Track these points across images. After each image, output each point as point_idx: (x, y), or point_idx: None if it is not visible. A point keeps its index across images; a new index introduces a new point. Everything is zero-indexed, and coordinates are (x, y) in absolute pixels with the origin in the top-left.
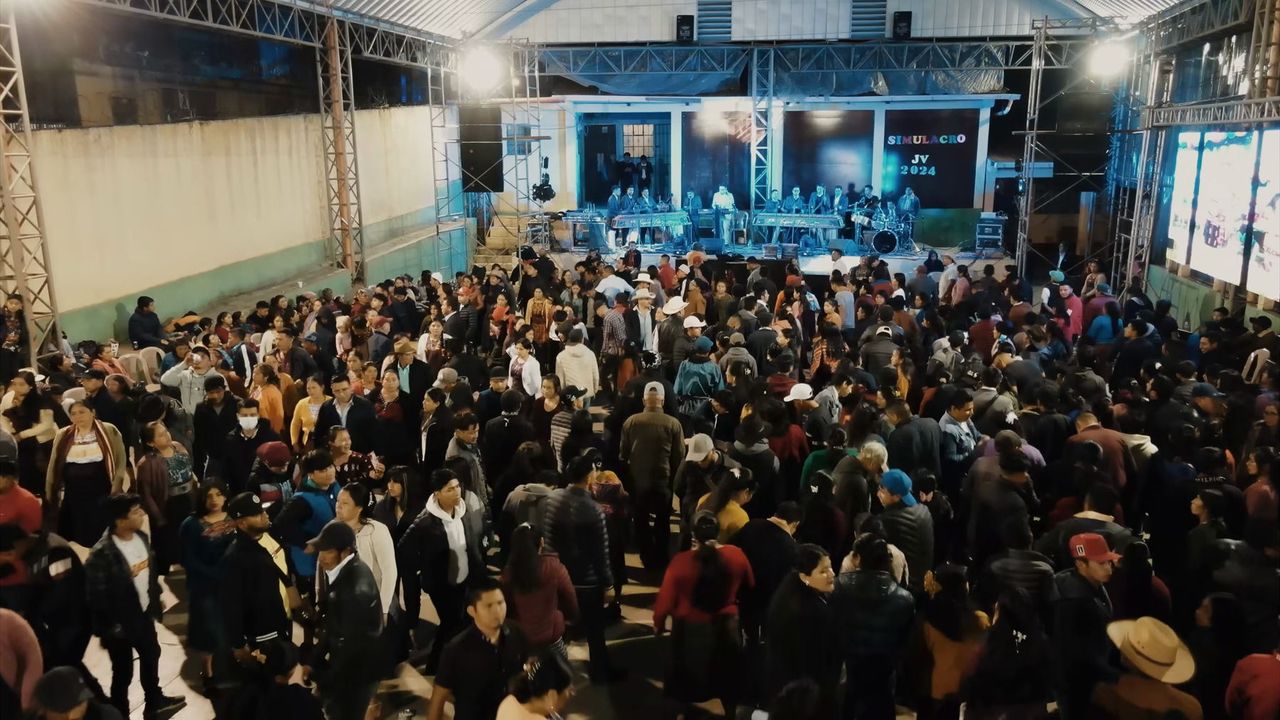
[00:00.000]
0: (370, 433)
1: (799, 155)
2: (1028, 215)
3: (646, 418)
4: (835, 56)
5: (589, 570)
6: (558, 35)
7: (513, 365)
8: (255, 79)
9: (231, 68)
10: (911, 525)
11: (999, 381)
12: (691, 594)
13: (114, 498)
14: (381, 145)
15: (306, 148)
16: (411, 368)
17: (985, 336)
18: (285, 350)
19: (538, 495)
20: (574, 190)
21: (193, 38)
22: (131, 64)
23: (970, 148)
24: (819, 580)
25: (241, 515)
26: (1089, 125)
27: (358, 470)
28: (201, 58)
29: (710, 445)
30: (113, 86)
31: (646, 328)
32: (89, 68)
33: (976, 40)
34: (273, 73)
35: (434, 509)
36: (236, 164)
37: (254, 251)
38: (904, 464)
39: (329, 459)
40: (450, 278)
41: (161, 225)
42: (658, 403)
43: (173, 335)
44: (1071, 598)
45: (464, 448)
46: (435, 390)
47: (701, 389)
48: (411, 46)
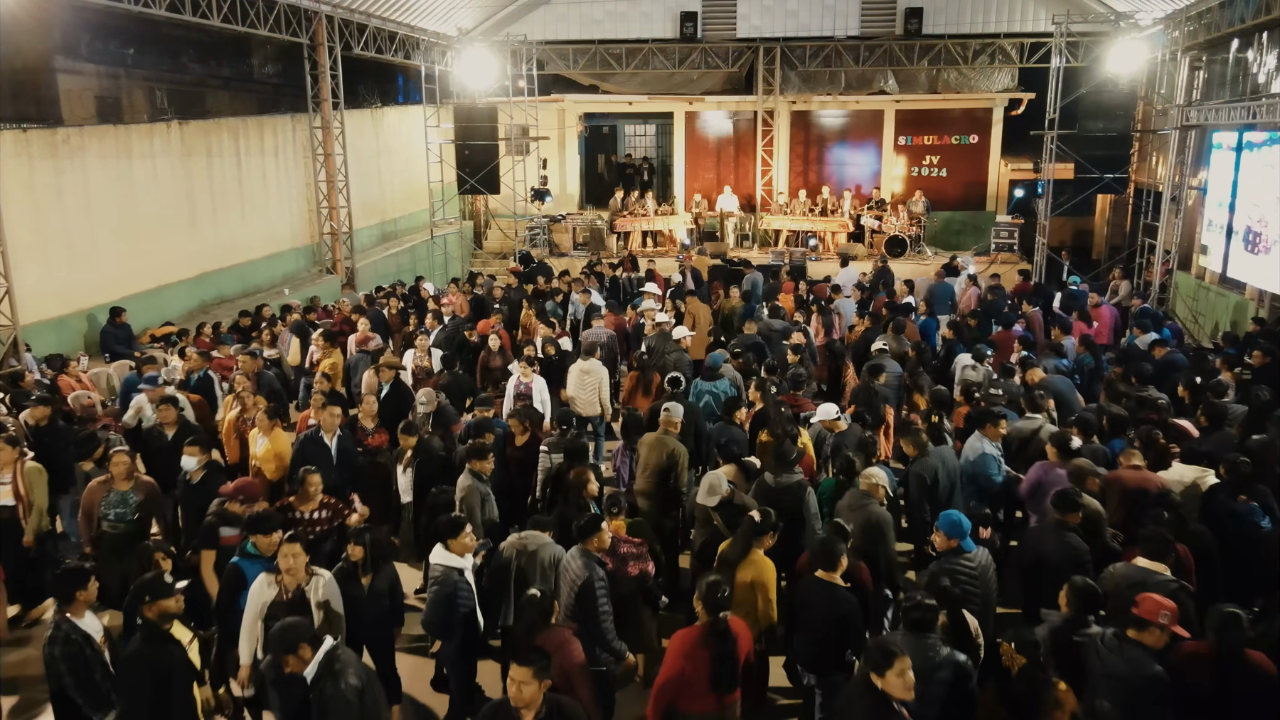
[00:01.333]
0: (355, 469)
1: (806, 156)
2: (1047, 219)
3: (655, 439)
4: (844, 54)
5: (594, 649)
6: (557, 32)
7: (516, 386)
8: (239, 76)
9: (214, 65)
10: (973, 574)
11: (1037, 405)
12: (697, 679)
13: (70, 567)
14: (374, 146)
15: (294, 148)
16: (391, 385)
17: (1006, 347)
18: (248, 371)
19: (536, 545)
20: (574, 192)
21: (173, 33)
22: (106, 61)
23: (983, 148)
24: (895, 686)
25: (150, 599)
26: (1111, 125)
27: (331, 518)
28: (182, 54)
29: (725, 485)
30: (85, 84)
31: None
32: (59, 65)
33: (990, 37)
34: (258, 70)
35: (450, 559)
36: (219, 165)
37: (238, 257)
38: (931, 503)
39: (275, 521)
40: (446, 283)
41: (137, 230)
42: (673, 425)
43: (148, 347)
44: (1130, 674)
45: (480, 479)
46: (408, 424)
47: (716, 409)
48: (405, 44)
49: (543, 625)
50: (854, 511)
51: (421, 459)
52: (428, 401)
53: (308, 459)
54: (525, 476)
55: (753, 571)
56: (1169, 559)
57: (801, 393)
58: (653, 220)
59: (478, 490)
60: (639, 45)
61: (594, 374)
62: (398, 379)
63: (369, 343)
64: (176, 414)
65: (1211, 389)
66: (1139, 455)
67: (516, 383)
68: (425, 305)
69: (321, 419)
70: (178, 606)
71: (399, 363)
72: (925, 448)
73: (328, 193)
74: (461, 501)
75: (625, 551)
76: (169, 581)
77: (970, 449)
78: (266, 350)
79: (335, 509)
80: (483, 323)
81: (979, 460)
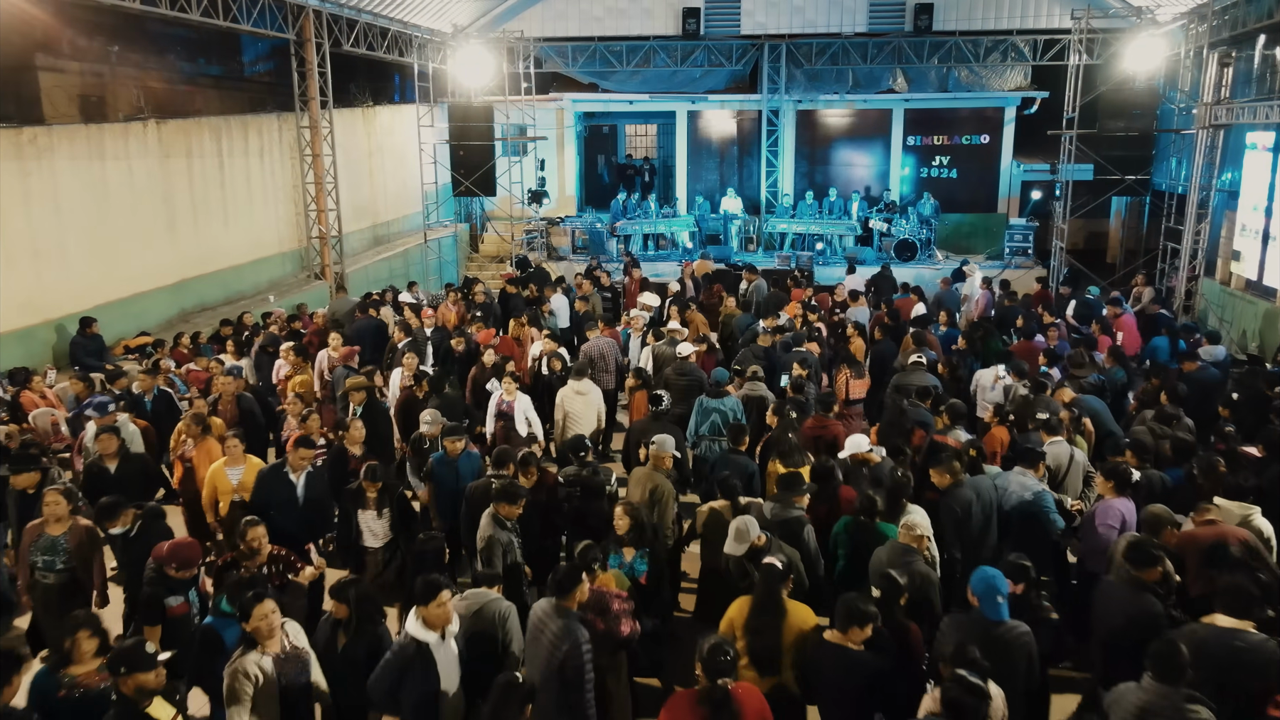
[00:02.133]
0: (324, 513)
1: (812, 157)
2: (1065, 222)
3: (643, 474)
4: (851, 51)
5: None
6: (555, 29)
7: (497, 404)
8: (223, 74)
9: (196, 61)
10: (1004, 645)
11: (1068, 426)
12: None
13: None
14: (365, 146)
15: (280, 149)
16: (364, 410)
17: (1028, 361)
18: (229, 394)
19: (479, 604)
20: (573, 194)
21: (150, 28)
22: (77, 56)
23: (994, 149)
24: None
25: (126, 671)
26: (1133, 124)
27: (282, 571)
28: (161, 51)
29: (756, 530)
30: (57, 82)
31: (634, 353)
32: (26, 60)
33: (1003, 34)
34: (242, 67)
35: (417, 629)
36: (200, 167)
37: (220, 263)
38: (963, 542)
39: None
40: (441, 289)
41: (111, 235)
42: (662, 460)
43: (122, 358)
44: None
45: (502, 526)
46: (371, 467)
47: (721, 429)
48: (398, 40)
49: (517, 716)
50: (893, 568)
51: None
52: (433, 422)
53: (268, 499)
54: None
55: (796, 623)
56: (1257, 615)
57: (831, 414)
58: (654, 223)
59: (499, 539)
60: (640, 42)
61: (590, 395)
62: (371, 399)
63: (351, 357)
64: (118, 444)
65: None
66: (1215, 510)
67: (498, 401)
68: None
69: (290, 458)
70: (158, 682)
71: (366, 382)
72: (959, 475)
73: (316, 195)
74: (481, 552)
75: (618, 609)
76: (150, 651)
77: (1019, 485)
78: (231, 360)
79: (287, 562)
80: (483, 333)
81: (1037, 500)
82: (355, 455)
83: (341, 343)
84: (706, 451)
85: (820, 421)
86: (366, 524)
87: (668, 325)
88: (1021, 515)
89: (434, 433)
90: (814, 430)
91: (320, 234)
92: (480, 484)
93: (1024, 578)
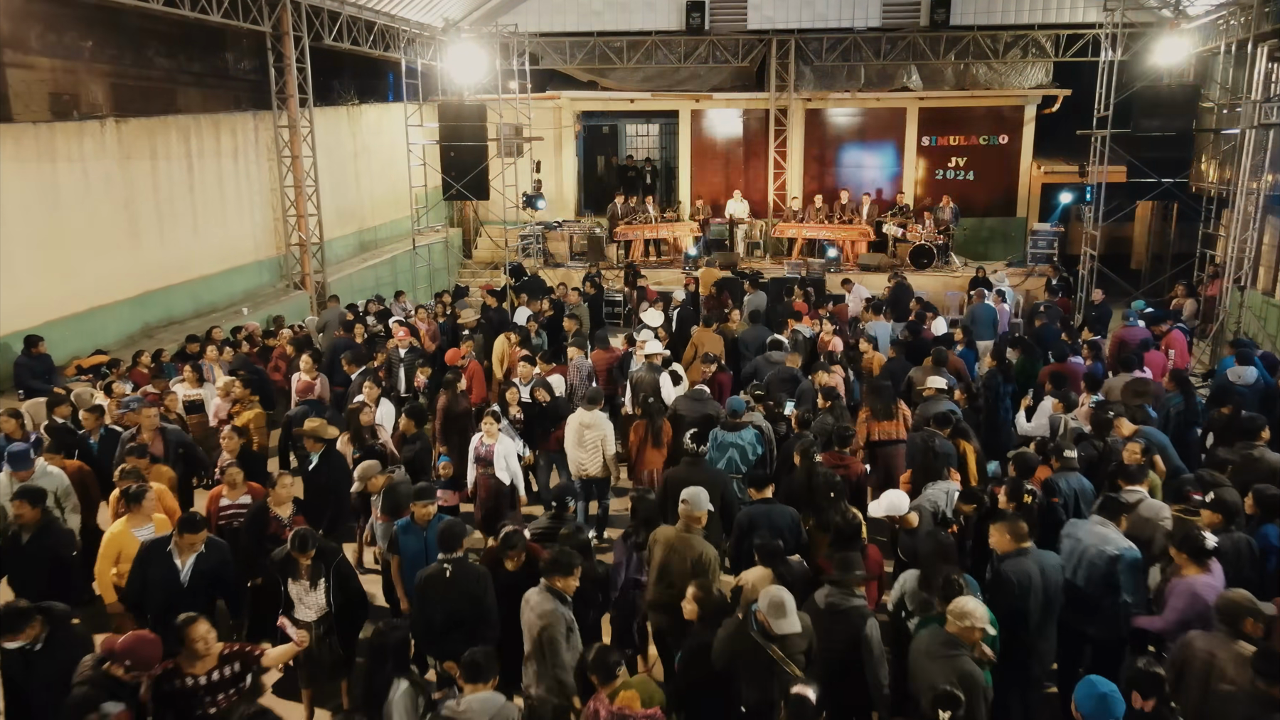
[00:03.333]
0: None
1: (821, 158)
2: (1098, 227)
3: (674, 537)
4: (864, 47)
5: None
6: (552, 23)
7: (475, 448)
8: (192, 69)
9: (161, 55)
10: None
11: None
12: None
13: None
14: (350, 147)
15: (257, 150)
16: (321, 456)
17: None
18: (147, 428)
19: (480, 709)
20: (571, 197)
21: (109, 18)
22: (22, 48)
23: (1013, 149)
24: None
25: None
26: (1170, 123)
27: (240, 673)
28: (122, 43)
29: (798, 623)
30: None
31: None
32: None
33: (1024, 29)
34: (214, 62)
35: None
36: (166, 169)
37: (189, 273)
38: (1016, 624)
39: None
40: (431, 299)
41: (63, 245)
42: (696, 520)
43: (74, 379)
44: None
45: (563, 601)
46: (301, 534)
47: (738, 466)
48: (385, 35)
49: None
50: (933, 662)
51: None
52: (363, 476)
53: (145, 583)
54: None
55: None
56: None
57: (849, 451)
58: (656, 228)
59: (563, 617)
60: (641, 38)
61: (597, 428)
62: (330, 449)
63: (313, 389)
64: (36, 514)
65: None
66: None
67: (477, 445)
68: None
69: (175, 539)
70: None
71: (325, 429)
72: (1025, 541)
73: (295, 199)
74: (543, 632)
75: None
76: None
77: (1097, 538)
78: (188, 390)
79: (246, 659)
80: (451, 352)
81: (1118, 562)
82: (278, 517)
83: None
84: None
85: (839, 458)
86: (298, 596)
87: (642, 342)
88: (1093, 578)
89: (374, 487)
90: (830, 467)
91: (300, 241)
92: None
93: (1156, 691)
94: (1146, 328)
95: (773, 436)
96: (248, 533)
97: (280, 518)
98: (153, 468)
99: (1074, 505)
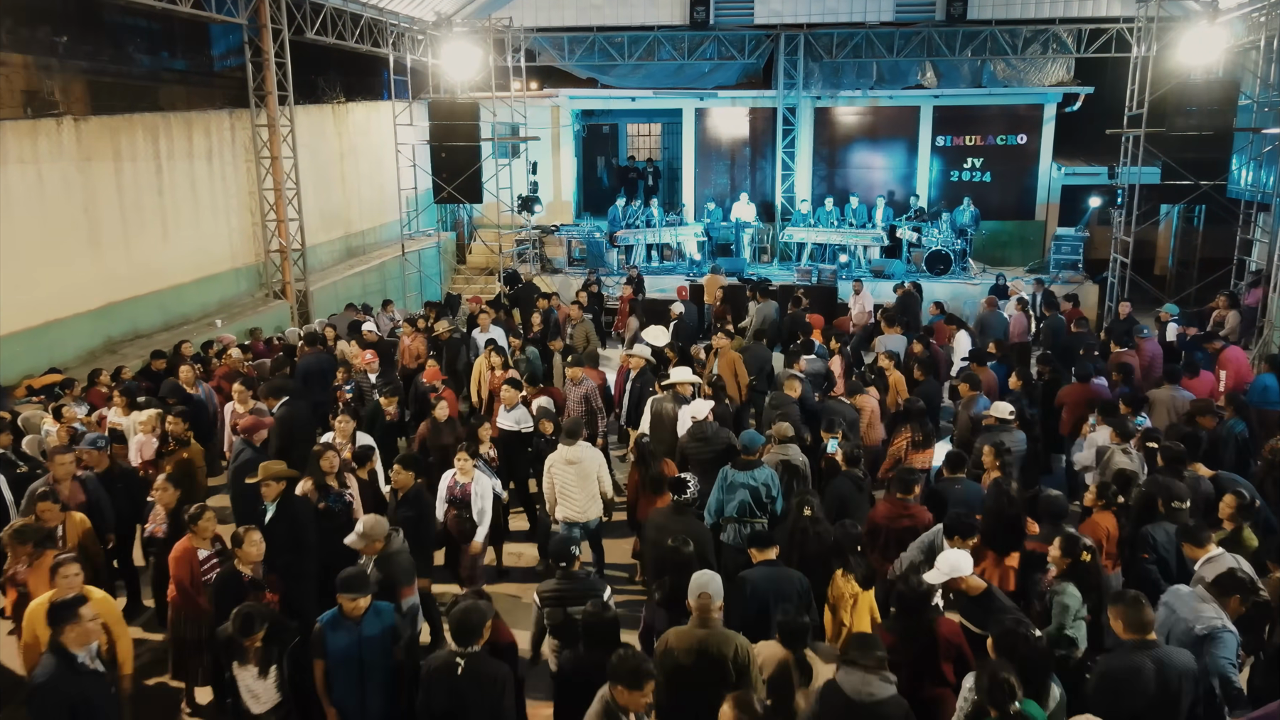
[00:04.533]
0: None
1: (831, 159)
2: (1130, 233)
3: (694, 637)
4: (876, 43)
5: None
6: (550, 18)
7: (449, 489)
8: (162, 64)
9: (127, 50)
10: None
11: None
12: None
13: None
14: (336, 147)
15: (233, 150)
16: (278, 506)
17: (1081, 410)
18: (62, 477)
19: None
20: (569, 200)
21: (69, 9)
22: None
23: (1032, 149)
24: None
25: None
26: (1208, 122)
27: None
28: (84, 36)
29: None
30: None
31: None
32: None
33: (1044, 23)
34: (187, 56)
35: None
36: (132, 171)
37: (157, 282)
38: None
39: None
40: (422, 307)
41: (15, 253)
42: (713, 613)
43: (23, 401)
44: None
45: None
46: (245, 614)
47: (752, 509)
48: (372, 29)
49: None
50: None
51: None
52: (369, 535)
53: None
54: None
55: None
56: None
57: (914, 497)
58: (659, 232)
59: None
60: (643, 33)
61: (586, 463)
62: (287, 495)
63: (257, 430)
64: None
65: None
66: None
67: (450, 484)
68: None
69: (66, 635)
70: None
71: (284, 470)
72: (1149, 631)
73: (275, 202)
74: None
75: None
76: None
77: (1190, 613)
78: (116, 416)
79: None
80: (430, 369)
81: (1212, 644)
82: (248, 578)
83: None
84: (734, 538)
85: (901, 507)
86: (245, 684)
87: (670, 371)
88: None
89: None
90: (890, 517)
91: (280, 247)
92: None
93: None
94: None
95: (809, 473)
96: (218, 595)
97: (244, 576)
98: (67, 516)
99: (1174, 563)
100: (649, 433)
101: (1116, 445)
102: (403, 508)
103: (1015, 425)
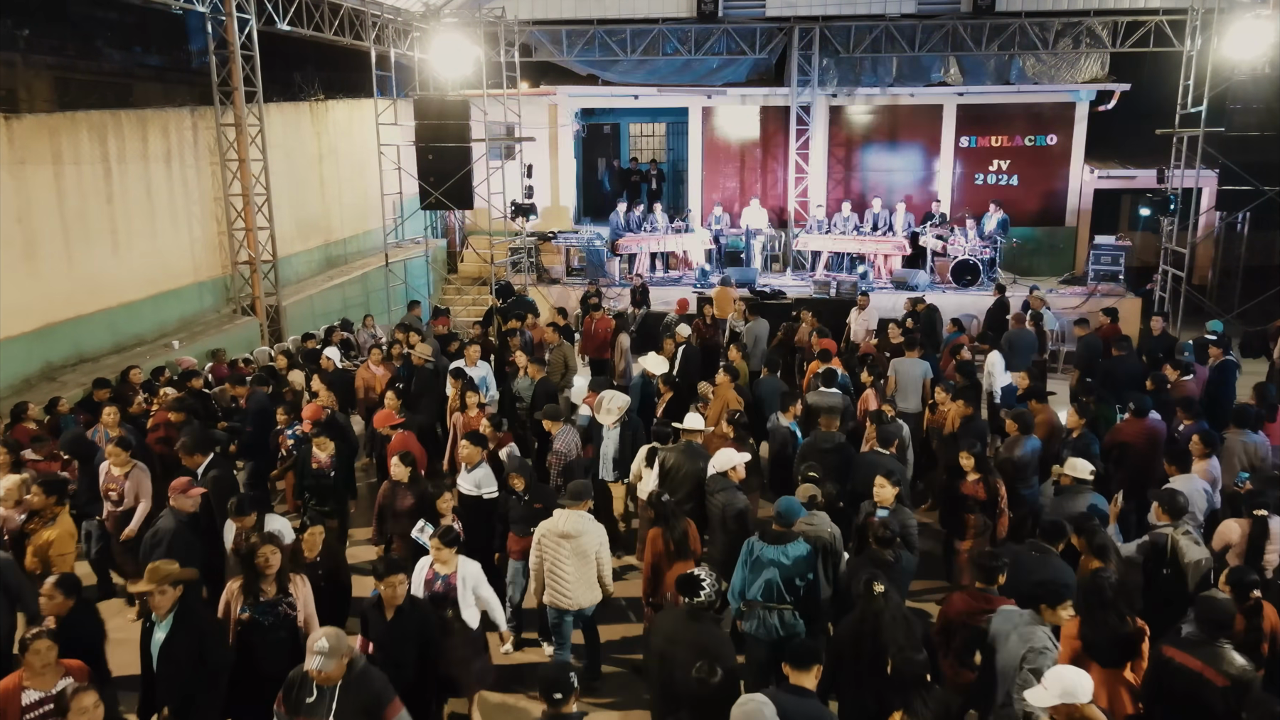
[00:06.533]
0: None
1: (848, 161)
2: (1186, 244)
3: None
4: (896, 36)
5: None
6: (547, 10)
7: (427, 582)
8: (111, 56)
9: (68, 40)
10: None
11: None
12: None
13: None
14: (314, 149)
15: (196, 152)
16: (176, 618)
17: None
18: None
19: None
20: (568, 205)
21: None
22: None
23: (1063, 151)
24: None
25: None
26: (1270, 121)
27: None
28: (15, 24)
29: None
30: None
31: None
32: None
33: (1078, 15)
34: (140, 48)
35: None
36: (75, 176)
37: (106, 300)
38: None
39: None
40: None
41: None
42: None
43: None
44: None
45: None
46: None
47: (780, 593)
48: (353, 20)
49: None
50: None
51: None
52: (329, 652)
53: None
54: None
55: None
56: None
57: (996, 588)
58: (664, 239)
59: None
60: (647, 26)
61: (586, 538)
62: (185, 602)
63: (189, 491)
64: None
65: None
66: None
67: (428, 576)
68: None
69: None
70: None
71: (178, 573)
72: None
73: (243, 210)
74: None
75: None
76: None
77: None
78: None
79: None
80: (381, 414)
81: None
82: None
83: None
84: (759, 629)
85: (983, 600)
86: None
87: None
88: None
89: (331, 676)
90: (969, 614)
91: (249, 258)
92: None
93: None
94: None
95: (841, 548)
96: None
97: None
98: None
99: None
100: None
101: (1168, 527)
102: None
103: (1093, 489)
